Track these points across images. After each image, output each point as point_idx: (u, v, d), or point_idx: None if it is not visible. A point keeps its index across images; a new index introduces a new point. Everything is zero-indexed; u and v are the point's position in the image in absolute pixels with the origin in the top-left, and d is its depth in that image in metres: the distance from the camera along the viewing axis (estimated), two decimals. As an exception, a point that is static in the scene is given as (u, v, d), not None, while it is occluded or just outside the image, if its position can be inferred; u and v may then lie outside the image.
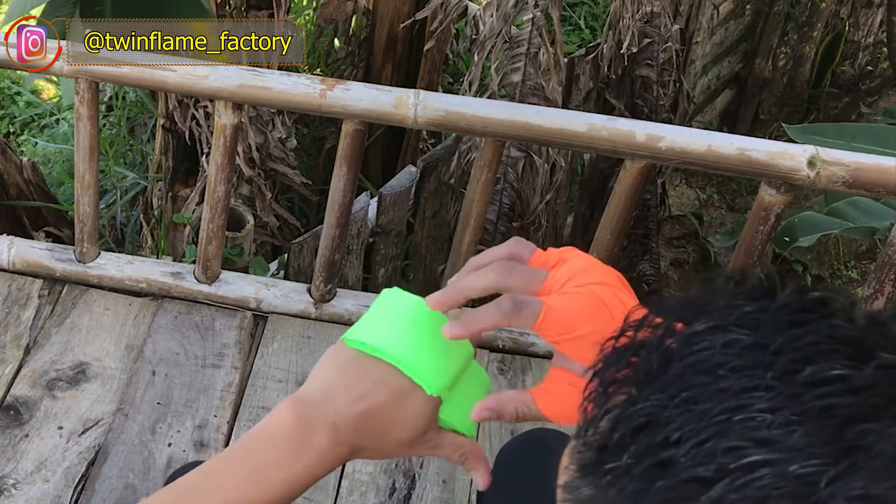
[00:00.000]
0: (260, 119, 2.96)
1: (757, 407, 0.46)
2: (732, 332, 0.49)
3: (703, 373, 0.48)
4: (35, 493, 1.79)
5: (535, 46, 2.52)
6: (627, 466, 0.47)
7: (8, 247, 2.17)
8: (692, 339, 0.50)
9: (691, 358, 0.49)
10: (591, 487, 0.50)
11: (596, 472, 0.49)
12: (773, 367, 0.47)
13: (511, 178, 2.66)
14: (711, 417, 0.46)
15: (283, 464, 0.77)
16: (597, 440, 0.50)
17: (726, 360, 0.48)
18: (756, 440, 0.45)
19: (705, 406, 0.46)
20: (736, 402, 0.46)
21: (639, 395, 0.49)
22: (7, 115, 4.39)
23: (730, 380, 0.47)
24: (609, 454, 0.48)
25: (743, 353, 0.48)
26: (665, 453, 0.46)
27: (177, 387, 2.00)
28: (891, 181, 1.80)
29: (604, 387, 0.52)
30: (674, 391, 0.48)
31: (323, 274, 2.12)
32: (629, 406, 0.49)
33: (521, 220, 2.70)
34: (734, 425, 0.45)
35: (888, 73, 4.38)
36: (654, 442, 0.47)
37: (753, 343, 0.48)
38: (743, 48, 4.21)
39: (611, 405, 0.50)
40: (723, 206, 4.18)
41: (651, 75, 2.95)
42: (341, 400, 0.79)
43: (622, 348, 0.53)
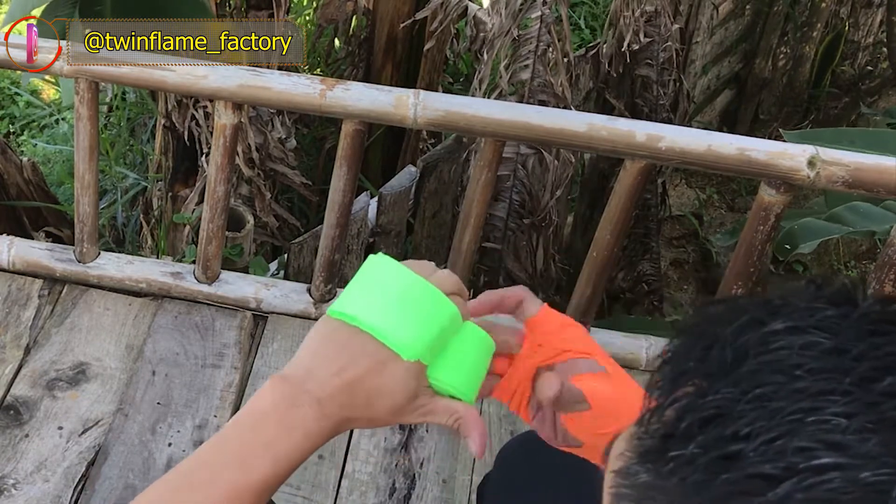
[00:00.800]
0: (260, 119, 2.96)
1: (832, 410, 0.45)
2: (812, 335, 0.49)
3: (779, 372, 0.48)
4: (35, 493, 1.79)
5: (545, 44, 2.52)
6: (693, 456, 0.47)
7: (8, 247, 2.17)
8: (769, 337, 0.50)
9: (768, 356, 0.49)
10: (650, 474, 0.49)
11: (658, 459, 0.49)
12: (851, 372, 0.46)
13: (521, 174, 2.66)
14: (784, 416, 0.46)
15: (270, 443, 0.77)
16: (661, 428, 0.50)
17: (804, 361, 0.48)
18: (828, 443, 0.44)
19: (779, 404, 0.46)
20: (811, 403, 0.46)
21: (710, 387, 0.49)
22: (7, 115, 4.39)
23: (806, 381, 0.47)
24: (674, 442, 0.48)
25: (822, 356, 0.48)
26: (733, 447, 0.46)
27: (177, 387, 2.00)
28: (890, 181, 1.80)
29: (672, 376, 0.52)
30: (747, 386, 0.48)
31: (323, 274, 2.12)
32: (699, 397, 0.49)
33: (532, 216, 2.70)
34: (807, 426, 0.45)
35: (888, 73, 4.38)
36: (723, 434, 0.46)
37: (833, 347, 0.48)
38: (743, 48, 4.21)
39: (679, 395, 0.50)
40: (723, 206, 4.18)
41: (651, 75, 2.95)
42: (322, 373, 0.79)
43: (694, 340, 0.53)
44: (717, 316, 0.53)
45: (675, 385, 0.51)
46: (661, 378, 0.53)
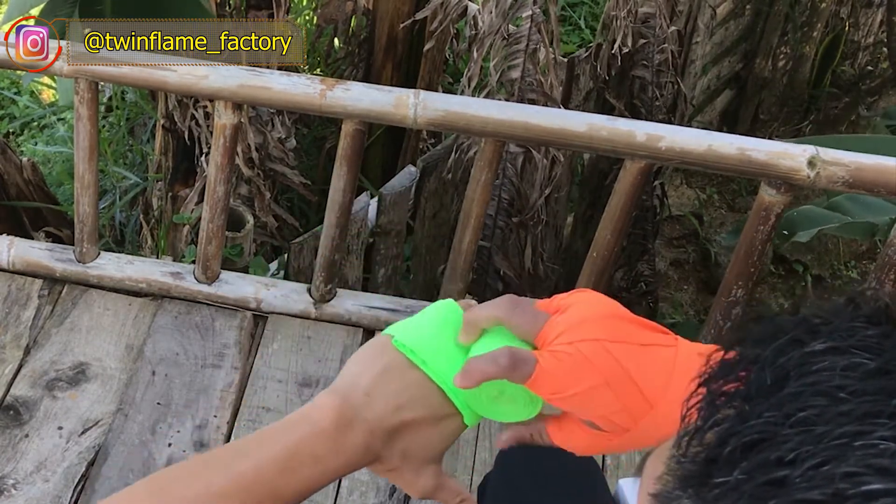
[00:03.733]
0: (259, 119, 2.96)
1: (879, 434, 0.44)
2: (854, 356, 0.48)
3: (821, 394, 0.47)
4: (35, 493, 1.79)
5: (534, 43, 2.51)
6: (738, 482, 0.46)
7: (8, 247, 2.17)
8: (810, 358, 0.49)
9: (809, 378, 0.48)
10: (693, 500, 0.49)
11: (701, 484, 0.48)
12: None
13: (510, 173, 2.66)
14: (830, 440, 0.45)
15: (319, 459, 0.77)
16: (702, 452, 0.49)
17: (847, 383, 0.47)
18: (877, 468, 0.43)
19: (824, 428, 0.45)
20: (857, 427, 0.45)
21: (751, 411, 0.48)
22: (7, 115, 4.39)
23: (850, 403, 0.46)
24: (718, 468, 0.47)
25: (865, 377, 0.47)
26: (779, 472, 0.45)
27: (177, 387, 2.00)
28: (890, 181, 1.80)
29: (711, 398, 0.51)
30: (789, 410, 0.47)
31: (323, 274, 2.12)
32: (741, 421, 0.48)
33: (521, 215, 2.70)
34: (854, 451, 0.44)
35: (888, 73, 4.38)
36: (768, 460, 0.46)
37: (877, 368, 0.47)
38: (743, 48, 4.21)
39: (719, 418, 0.49)
40: (723, 206, 4.18)
41: (647, 76, 2.95)
42: (381, 406, 0.78)
43: (732, 361, 0.52)
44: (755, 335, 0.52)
45: (714, 407, 0.50)
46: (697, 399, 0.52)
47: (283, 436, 0.79)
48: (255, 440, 0.80)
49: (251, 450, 0.79)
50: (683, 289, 3.82)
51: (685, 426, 0.52)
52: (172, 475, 0.81)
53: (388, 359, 0.80)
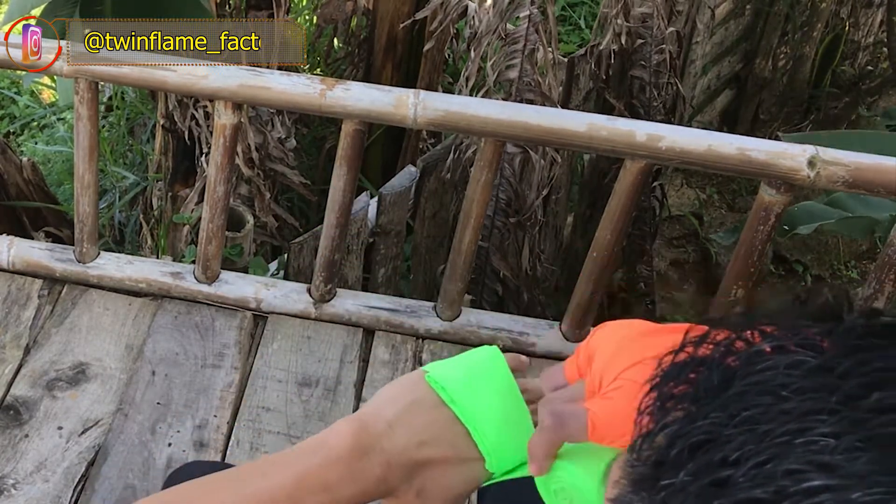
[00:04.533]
0: (259, 119, 2.96)
1: (820, 431, 0.45)
2: (797, 354, 0.48)
3: (765, 393, 0.47)
4: (35, 493, 1.79)
5: (532, 43, 2.51)
6: (683, 484, 0.46)
7: (8, 247, 2.17)
8: (755, 358, 0.49)
9: (754, 377, 0.48)
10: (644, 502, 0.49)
11: (650, 487, 0.49)
12: (838, 391, 0.46)
13: (508, 173, 2.66)
14: (772, 439, 0.45)
15: (330, 487, 0.76)
16: (652, 455, 0.49)
17: (790, 381, 0.47)
18: (818, 464, 0.44)
19: (766, 427, 0.46)
20: (798, 424, 0.45)
21: (698, 412, 0.48)
22: (7, 115, 4.39)
23: (793, 401, 0.46)
24: (665, 470, 0.48)
25: (808, 374, 0.47)
26: (723, 473, 0.45)
27: (177, 387, 2.00)
28: (890, 181, 1.80)
29: (661, 401, 0.51)
30: (734, 410, 0.47)
31: (323, 274, 2.12)
32: (688, 423, 0.48)
33: (518, 215, 2.70)
34: (795, 448, 0.45)
35: (888, 73, 4.38)
36: (713, 461, 0.46)
37: (819, 366, 0.47)
38: (743, 48, 4.21)
39: (668, 420, 0.49)
40: (723, 206, 4.18)
41: (644, 76, 2.95)
42: (403, 439, 0.77)
43: (681, 364, 0.52)
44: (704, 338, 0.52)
45: (664, 410, 0.50)
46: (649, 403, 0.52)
47: (297, 461, 0.78)
48: (271, 463, 0.79)
49: (266, 472, 0.78)
50: (683, 289, 3.82)
51: (639, 430, 0.52)
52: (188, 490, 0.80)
53: (418, 393, 0.79)
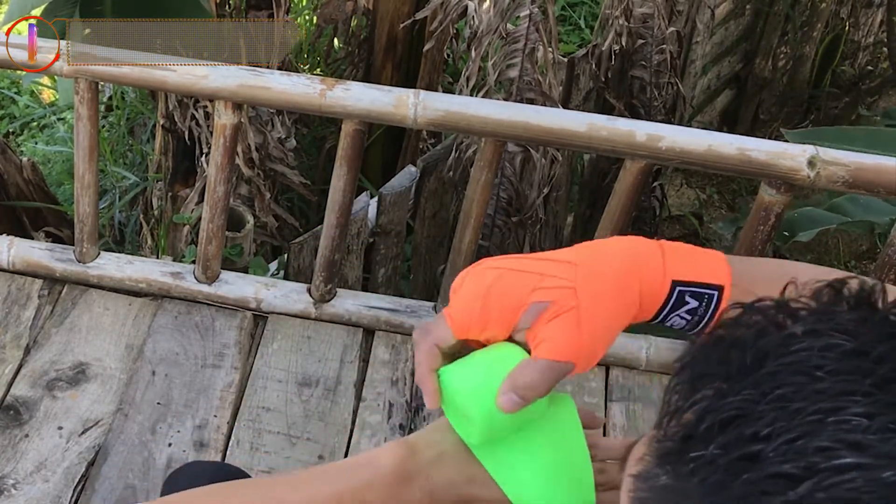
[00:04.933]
0: (259, 119, 2.96)
1: (853, 411, 0.45)
2: (832, 337, 0.49)
3: (799, 373, 0.48)
4: (35, 493, 1.79)
5: (532, 42, 2.52)
6: (713, 457, 0.47)
7: (8, 247, 2.17)
8: (789, 340, 0.50)
9: (788, 358, 0.49)
10: (670, 476, 0.49)
11: (678, 461, 0.49)
12: (872, 374, 0.46)
13: (508, 172, 2.66)
14: (805, 416, 0.46)
15: None
16: (680, 431, 0.50)
17: (824, 363, 0.48)
18: (849, 443, 0.44)
19: (799, 405, 0.46)
20: (832, 403, 0.46)
21: (729, 389, 0.49)
22: (7, 115, 4.39)
23: (826, 382, 0.47)
24: (694, 444, 0.48)
25: (842, 357, 0.48)
26: (753, 447, 0.46)
27: (177, 387, 2.00)
28: (891, 181, 1.80)
29: (692, 379, 0.52)
30: (767, 388, 0.48)
31: (323, 274, 2.12)
32: (719, 399, 0.49)
33: (519, 214, 2.70)
34: (827, 426, 0.45)
35: (888, 73, 4.38)
36: (744, 435, 0.47)
37: (854, 350, 0.48)
38: (743, 48, 4.21)
39: (698, 398, 0.50)
40: (723, 206, 4.18)
41: (645, 76, 2.95)
42: (451, 471, 0.77)
43: (713, 343, 0.53)
44: (736, 320, 0.53)
45: (694, 388, 0.51)
46: (679, 382, 0.53)
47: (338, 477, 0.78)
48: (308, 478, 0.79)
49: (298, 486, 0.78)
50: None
51: (666, 408, 0.52)
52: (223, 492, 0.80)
53: None
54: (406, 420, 1.99)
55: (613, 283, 0.75)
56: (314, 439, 1.95)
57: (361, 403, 2.02)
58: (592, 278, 0.75)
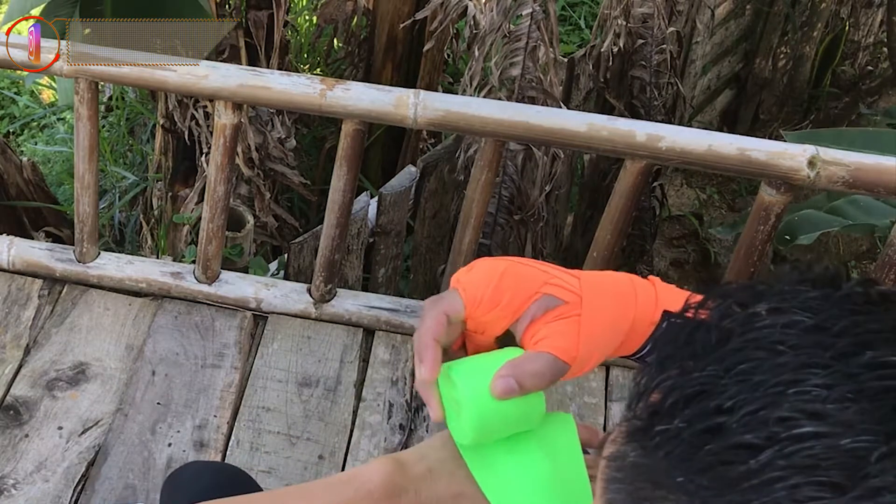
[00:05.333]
0: (259, 119, 2.96)
1: (813, 382, 0.47)
2: (794, 314, 0.50)
3: (761, 349, 0.49)
4: (35, 493, 1.79)
5: (534, 41, 2.52)
6: (678, 430, 0.48)
7: (8, 247, 2.17)
8: (752, 318, 0.51)
9: (751, 335, 0.50)
10: (637, 452, 0.51)
11: (644, 436, 0.50)
12: (832, 347, 0.48)
13: (511, 171, 2.66)
14: (766, 389, 0.47)
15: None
16: (648, 408, 0.51)
17: (786, 338, 0.49)
18: (809, 412, 0.46)
19: (761, 378, 0.47)
20: (792, 376, 0.47)
21: (694, 366, 0.50)
22: (7, 115, 4.39)
23: (788, 356, 0.48)
24: (659, 419, 0.49)
25: (804, 333, 0.49)
26: (716, 419, 0.47)
27: (177, 387, 2.00)
28: (891, 181, 1.80)
29: (659, 361, 0.53)
30: (730, 364, 0.49)
31: (323, 274, 2.12)
32: (684, 376, 0.50)
33: (521, 212, 2.70)
34: (788, 397, 0.46)
35: (888, 73, 4.38)
36: (707, 408, 0.48)
37: (814, 325, 0.49)
38: (743, 48, 4.21)
39: (664, 377, 0.51)
40: (723, 206, 4.18)
41: (645, 76, 2.95)
42: (441, 487, 0.76)
43: (680, 326, 0.54)
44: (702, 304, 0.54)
45: (661, 369, 0.52)
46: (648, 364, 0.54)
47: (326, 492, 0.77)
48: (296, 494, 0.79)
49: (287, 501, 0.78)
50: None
51: (635, 389, 0.53)
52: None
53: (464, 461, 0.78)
54: (406, 420, 1.99)
55: (613, 301, 0.79)
56: (314, 439, 1.95)
57: (361, 403, 2.02)
58: (595, 293, 0.79)
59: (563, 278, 0.79)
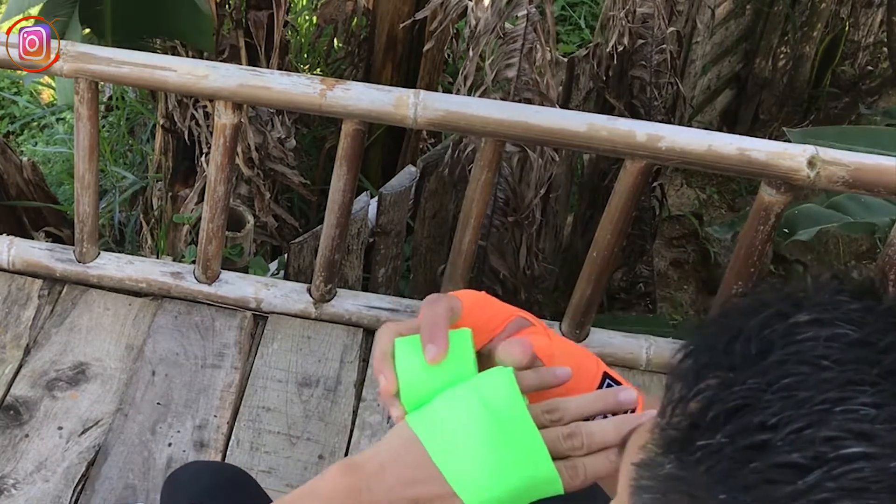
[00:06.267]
0: (259, 119, 2.96)
1: (860, 401, 0.45)
2: (837, 327, 0.49)
3: (805, 363, 0.48)
4: (35, 493, 1.79)
5: (530, 42, 2.51)
6: (720, 445, 0.47)
7: (8, 247, 2.17)
8: (794, 329, 0.50)
9: (793, 347, 0.49)
10: (675, 465, 0.49)
11: (683, 449, 0.49)
12: (878, 364, 0.47)
13: (506, 172, 2.66)
14: (812, 406, 0.46)
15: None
16: (686, 419, 0.50)
17: (830, 352, 0.48)
18: (857, 433, 0.44)
19: (806, 394, 0.46)
20: (838, 393, 0.46)
21: (735, 378, 0.49)
22: (7, 115, 4.39)
23: (833, 371, 0.47)
24: (701, 433, 0.48)
25: (848, 347, 0.48)
26: (761, 436, 0.46)
27: (177, 387, 2.00)
28: (890, 181, 1.80)
29: (696, 368, 0.52)
30: (773, 378, 0.48)
31: (323, 274, 2.12)
32: (724, 388, 0.49)
33: (516, 214, 2.70)
34: (835, 416, 0.45)
35: (888, 73, 4.38)
36: (751, 424, 0.47)
37: (859, 339, 0.48)
38: (743, 48, 4.21)
39: (702, 387, 0.50)
40: (723, 206, 4.18)
41: (645, 76, 2.95)
42: (392, 478, 0.76)
43: (717, 333, 0.53)
44: (741, 309, 0.53)
45: (699, 377, 0.51)
46: (682, 370, 0.53)
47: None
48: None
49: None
50: (683, 289, 3.82)
51: (669, 396, 0.52)
52: None
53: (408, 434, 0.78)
54: (406, 420, 1.99)
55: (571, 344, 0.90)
56: (314, 439, 1.95)
57: (361, 403, 2.02)
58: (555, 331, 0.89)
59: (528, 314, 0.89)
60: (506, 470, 0.73)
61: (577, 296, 2.12)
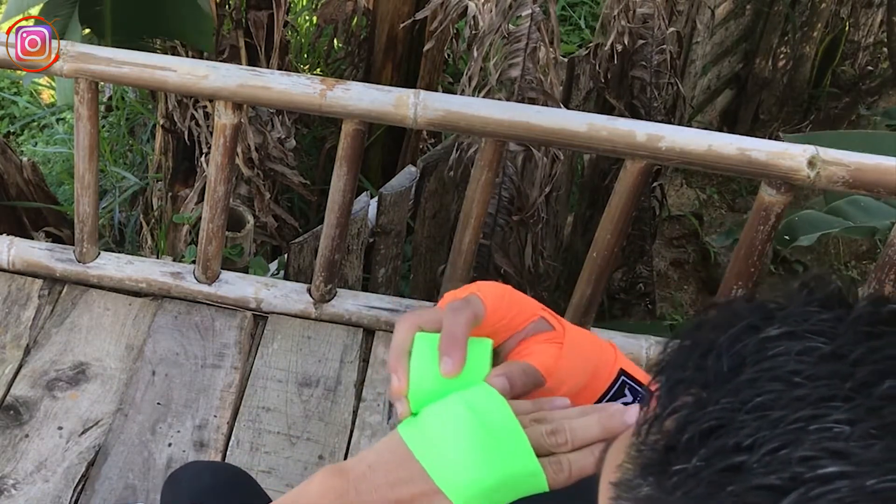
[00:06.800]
0: (259, 119, 2.96)
1: (834, 418, 0.45)
2: (808, 340, 0.48)
3: (777, 379, 0.47)
4: (35, 493, 1.79)
5: (534, 42, 2.52)
6: (696, 469, 0.47)
7: (8, 247, 2.17)
8: (765, 344, 0.49)
9: (765, 363, 0.48)
10: (653, 488, 0.49)
11: (661, 472, 0.49)
12: (851, 378, 0.46)
13: (510, 171, 2.66)
14: (786, 425, 0.45)
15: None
16: (661, 440, 0.50)
17: (802, 367, 0.47)
18: (832, 451, 0.44)
19: (780, 413, 0.46)
20: (812, 411, 0.45)
21: (708, 398, 0.48)
22: (7, 115, 4.39)
23: (806, 388, 0.46)
24: (676, 456, 0.48)
25: (820, 361, 0.47)
26: (736, 458, 0.46)
27: (177, 387, 2.00)
28: (891, 181, 1.79)
29: (669, 385, 0.51)
30: (746, 396, 0.47)
31: (323, 274, 2.12)
32: (698, 408, 0.48)
33: (521, 213, 2.70)
34: (809, 434, 0.45)
35: (888, 73, 4.38)
36: (726, 446, 0.46)
37: (831, 352, 0.48)
38: (743, 48, 4.21)
39: (677, 405, 0.50)
40: (723, 206, 4.19)
41: (645, 77, 2.95)
42: (379, 479, 0.76)
43: (689, 348, 0.52)
44: (712, 322, 0.53)
45: (672, 394, 0.51)
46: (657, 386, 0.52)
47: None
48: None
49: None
50: (683, 289, 3.83)
51: (645, 414, 0.52)
52: None
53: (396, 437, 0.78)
54: (406, 420, 1.99)
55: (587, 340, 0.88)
56: (314, 439, 1.95)
57: (361, 403, 2.02)
58: (576, 330, 0.88)
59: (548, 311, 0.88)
60: (489, 464, 0.74)
61: (577, 296, 2.12)
